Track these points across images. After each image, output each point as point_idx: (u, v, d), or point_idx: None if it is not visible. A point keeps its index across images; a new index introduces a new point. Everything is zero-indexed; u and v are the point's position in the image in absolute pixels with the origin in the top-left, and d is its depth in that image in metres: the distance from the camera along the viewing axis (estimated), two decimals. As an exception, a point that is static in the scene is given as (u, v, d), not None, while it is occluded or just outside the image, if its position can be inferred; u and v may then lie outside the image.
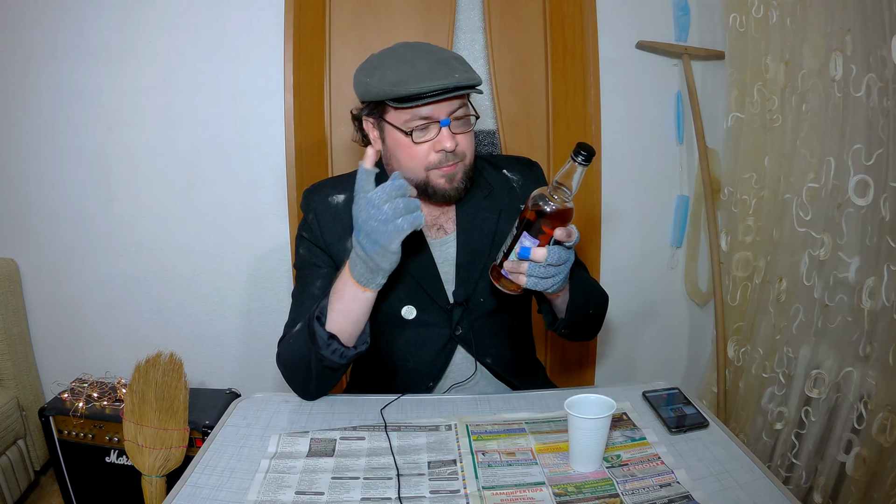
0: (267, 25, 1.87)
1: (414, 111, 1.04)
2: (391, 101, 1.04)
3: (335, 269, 1.15)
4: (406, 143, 1.06)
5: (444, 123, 1.05)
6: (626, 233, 2.11)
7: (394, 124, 1.06)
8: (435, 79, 1.01)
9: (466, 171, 1.11)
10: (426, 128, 1.05)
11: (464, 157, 1.09)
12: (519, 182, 1.24)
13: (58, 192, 1.94)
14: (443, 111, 1.05)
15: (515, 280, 0.96)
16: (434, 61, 1.03)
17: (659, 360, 2.23)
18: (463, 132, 1.08)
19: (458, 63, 1.06)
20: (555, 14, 1.99)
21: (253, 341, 2.05)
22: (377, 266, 0.96)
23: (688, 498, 0.82)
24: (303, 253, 1.18)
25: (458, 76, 1.02)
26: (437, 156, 1.07)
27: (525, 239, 0.94)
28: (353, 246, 0.98)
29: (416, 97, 1.01)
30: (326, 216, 1.16)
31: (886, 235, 1.27)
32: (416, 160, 1.07)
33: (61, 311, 2.01)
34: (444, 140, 1.05)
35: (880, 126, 1.28)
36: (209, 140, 1.93)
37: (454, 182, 1.10)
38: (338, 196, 1.18)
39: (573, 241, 0.95)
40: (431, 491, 0.84)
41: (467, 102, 1.09)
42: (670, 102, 2.05)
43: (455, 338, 1.17)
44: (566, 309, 1.09)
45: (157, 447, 1.56)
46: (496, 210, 1.18)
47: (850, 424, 1.37)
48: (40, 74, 1.87)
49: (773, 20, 1.61)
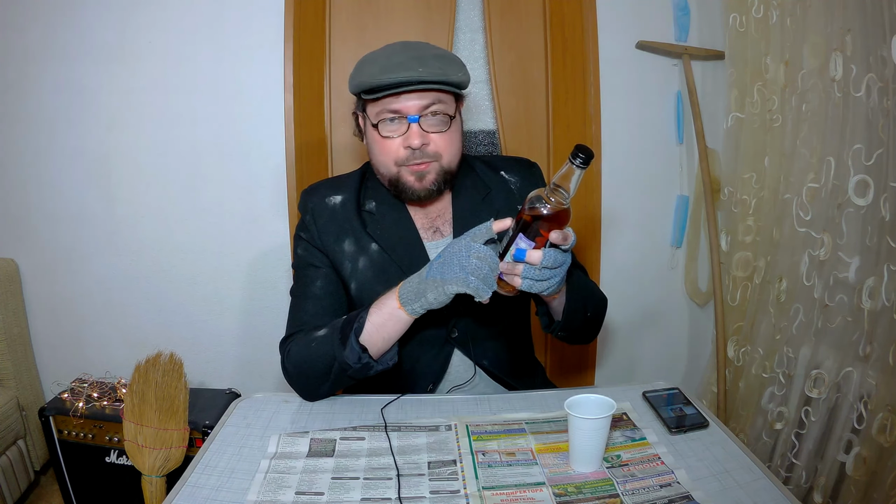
0: (267, 25, 1.87)
1: (383, 104, 1.05)
2: (364, 94, 1.06)
3: (333, 269, 1.16)
4: (377, 136, 1.08)
5: (412, 119, 1.05)
6: (626, 233, 2.11)
7: (368, 117, 1.09)
8: (399, 71, 1.01)
9: (442, 173, 1.10)
10: (395, 122, 1.06)
11: (437, 157, 1.08)
12: (517, 184, 1.23)
13: (58, 192, 1.94)
14: (412, 107, 1.05)
15: (510, 282, 0.96)
16: (410, 57, 1.04)
17: (659, 360, 2.23)
18: (437, 131, 1.07)
19: (437, 61, 1.05)
20: (555, 14, 1.99)
21: (253, 341, 2.05)
22: (423, 291, 0.97)
23: (688, 498, 0.82)
24: (301, 253, 1.18)
25: (423, 70, 1.02)
26: (405, 152, 1.07)
27: (521, 241, 0.93)
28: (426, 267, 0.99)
29: (380, 88, 1.02)
30: (323, 216, 1.17)
31: (886, 235, 1.27)
32: (386, 154, 1.09)
33: (61, 311, 2.01)
34: (411, 136, 1.05)
35: (880, 126, 1.28)
36: (209, 140, 1.93)
37: (424, 182, 1.09)
38: (335, 197, 1.18)
39: (569, 244, 0.94)
40: (431, 491, 0.84)
41: (446, 101, 1.08)
42: (670, 102, 2.05)
43: (451, 340, 1.17)
44: (563, 312, 1.08)
45: (157, 447, 1.56)
46: (493, 212, 1.17)
47: (850, 424, 1.37)
48: (40, 74, 1.87)
49: (773, 20, 1.61)
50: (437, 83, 1.03)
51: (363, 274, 1.15)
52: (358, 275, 1.15)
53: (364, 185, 1.20)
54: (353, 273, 1.15)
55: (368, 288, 1.13)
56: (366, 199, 1.18)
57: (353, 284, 1.15)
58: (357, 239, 1.15)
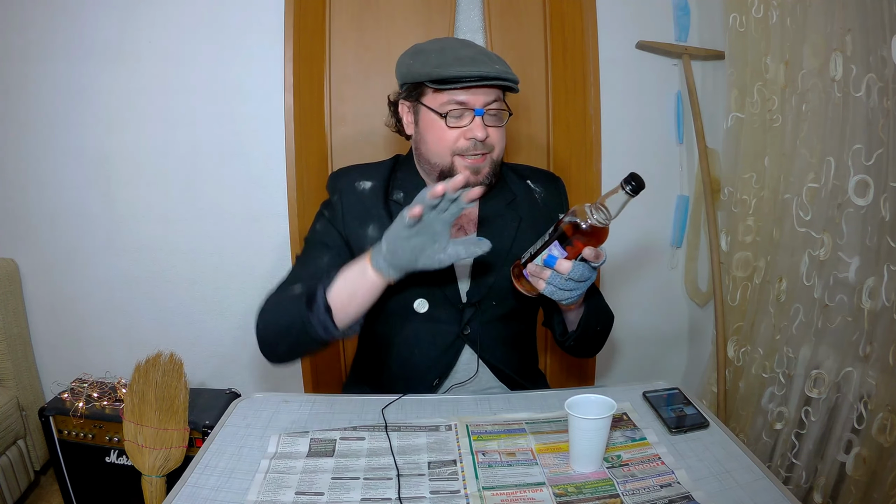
0: (267, 25, 1.87)
1: (451, 95, 1.07)
2: (431, 83, 1.08)
3: (346, 252, 1.16)
4: (439, 125, 1.09)
5: (479, 113, 1.08)
6: (626, 233, 2.11)
7: (430, 107, 1.10)
8: (475, 66, 1.05)
9: (493, 166, 1.13)
10: (461, 115, 1.08)
11: (492, 149, 1.11)
12: (542, 194, 1.26)
13: (58, 192, 1.94)
14: (479, 100, 1.08)
15: (534, 284, 0.98)
16: (477, 52, 1.08)
17: (659, 360, 2.23)
18: (495, 126, 1.11)
19: (499, 60, 1.10)
20: (555, 14, 1.99)
21: (253, 341, 2.00)
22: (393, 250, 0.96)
23: (688, 498, 0.82)
24: (318, 229, 1.19)
25: (499, 68, 1.06)
26: (466, 143, 1.09)
27: (554, 248, 0.95)
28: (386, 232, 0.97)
29: (456, 80, 1.05)
30: (351, 199, 1.18)
31: (886, 235, 1.27)
32: (444, 144, 1.10)
33: (61, 311, 2.01)
34: (476, 129, 1.08)
35: (880, 126, 1.28)
36: (209, 140, 1.93)
37: (479, 176, 1.11)
38: (365, 183, 1.20)
39: (600, 262, 0.96)
40: (431, 491, 0.84)
41: (503, 99, 1.12)
42: (670, 102, 2.05)
43: (463, 337, 1.18)
44: (578, 324, 1.11)
45: (157, 447, 1.56)
46: (517, 218, 1.19)
47: (850, 424, 1.37)
48: (40, 74, 1.87)
49: (773, 20, 1.61)
50: (506, 80, 1.08)
51: None
52: None
53: (394, 175, 1.21)
54: None
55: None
56: (394, 188, 1.20)
57: None
58: (381, 227, 1.15)
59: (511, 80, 1.08)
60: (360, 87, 1.96)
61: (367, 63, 1.96)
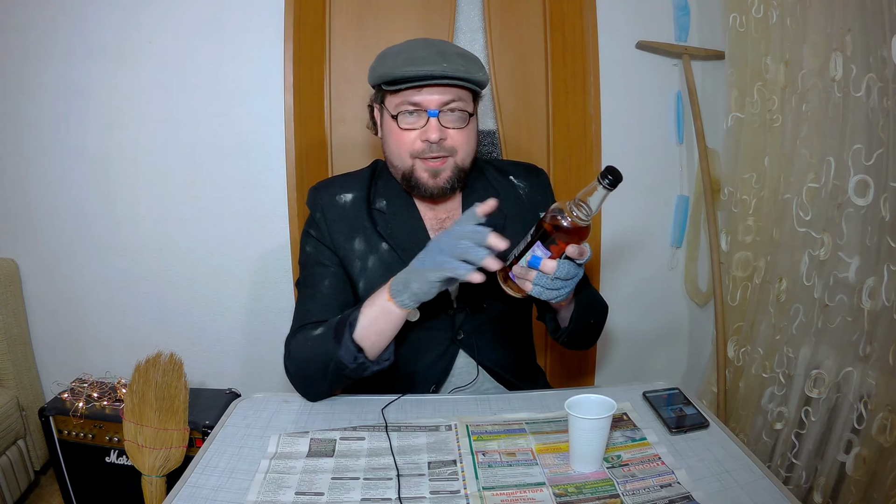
0: (267, 25, 1.87)
1: (405, 96, 1.06)
2: (385, 85, 1.07)
3: (342, 268, 1.15)
4: (395, 128, 1.08)
5: (432, 114, 1.06)
6: (626, 233, 2.11)
7: (387, 108, 1.09)
8: (424, 65, 1.03)
9: (456, 171, 1.10)
10: (414, 115, 1.07)
11: (453, 152, 1.09)
12: (525, 189, 1.24)
13: (58, 192, 1.94)
14: (433, 100, 1.05)
15: (521, 286, 0.97)
16: (435, 52, 1.05)
17: (659, 360, 2.23)
18: (455, 127, 1.08)
19: (460, 58, 1.06)
20: (555, 14, 1.99)
21: (253, 341, 2.05)
22: (408, 281, 0.97)
23: (688, 498, 0.82)
24: (310, 251, 1.18)
25: (447, 66, 1.03)
26: (422, 145, 1.07)
27: (538, 248, 0.94)
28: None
29: (403, 80, 1.03)
30: (333, 214, 1.16)
31: (886, 235, 1.27)
32: (403, 146, 1.09)
33: (61, 311, 2.01)
34: (430, 130, 1.06)
35: (880, 126, 1.28)
36: (209, 140, 1.93)
37: (438, 180, 1.09)
38: (345, 195, 1.18)
39: (584, 259, 0.95)
40: (431, 491, 0.84)
41: (465, 99, 1.08)
42: (670, 102, 2.05)
43: (457, 342, 1.17)
44: (570, 320, 1.10)
45: (157, 447, 1.56)
46: (501, 216, 1.17)
47: (850, 424, 1.37)
48: (40, 74, 1.87)
49: (773, 20, 1.61)
50: (459, 79, 1.05)
51: (372, 273, 1.14)
52: (367, 274, 1.15)
53: (374, 183, 1.20)
54: (362, 272, 1.15)
55: (377, 287, 1.13)
56: (376, 197, 1.18)
57: (361, 283, 1.15)
58: (367, 238, 1.15)
59: (464, 79, 1.05)
60: (360, 87, 1.96)
61: (367, 63, 1.90)
